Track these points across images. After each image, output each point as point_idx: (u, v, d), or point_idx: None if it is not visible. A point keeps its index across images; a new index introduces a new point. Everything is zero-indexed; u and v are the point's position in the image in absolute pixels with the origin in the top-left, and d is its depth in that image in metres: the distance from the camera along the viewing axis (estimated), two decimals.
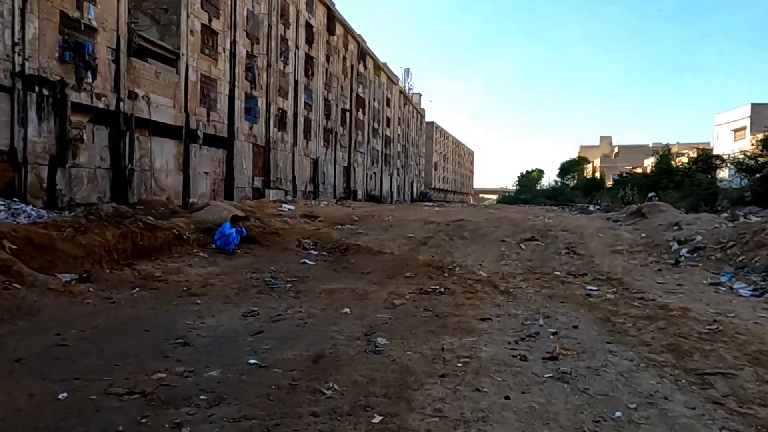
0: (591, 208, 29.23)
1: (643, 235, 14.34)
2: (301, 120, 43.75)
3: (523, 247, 13.30)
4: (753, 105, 47.50)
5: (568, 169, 69.12)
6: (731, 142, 46.05)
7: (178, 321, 6.92)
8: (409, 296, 8.83)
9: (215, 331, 6.54)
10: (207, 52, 30.78)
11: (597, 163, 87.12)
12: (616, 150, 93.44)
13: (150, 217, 12.56)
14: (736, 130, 47.83)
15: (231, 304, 8.03)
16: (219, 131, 32.04)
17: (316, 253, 13.54)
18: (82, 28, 22.28)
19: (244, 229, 13.53)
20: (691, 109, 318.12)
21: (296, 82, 42.60)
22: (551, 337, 6.48)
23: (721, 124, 49.49)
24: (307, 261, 12.34)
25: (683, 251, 11.63)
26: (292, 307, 7.94)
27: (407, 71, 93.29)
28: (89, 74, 22.59)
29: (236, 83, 33.74)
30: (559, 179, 67.03)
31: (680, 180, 29.93)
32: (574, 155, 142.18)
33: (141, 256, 10.60)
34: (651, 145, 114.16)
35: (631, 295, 8.93)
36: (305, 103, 44.66)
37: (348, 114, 55.03)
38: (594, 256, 12.51)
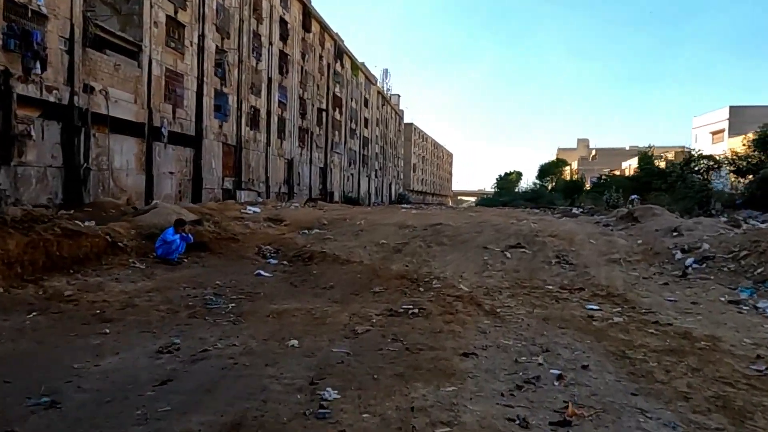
0: (575, 211, 27.98)
1: (640, 241, 12.90)
2: (274, 119, 41.90)
3: (508, 255, 11.77)
4: (731, 108, 47.03)
5: (546, 171, 68.21)
6: (709, 145, 45.44)
7: (63, 362, 5.16)
8: (376, 319, 7.17)
9: (107, 378, 4.80)
10: (172, 45, 28.76)
11: (575, 165, 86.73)
12: (593, 153, 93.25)
13: (77, 222, 10.66)
14: (714, 133, 47.30)
15: (148, 334, 6.27)
16: (186, 129, 30.06)
17: (275, 262, 11.81)
18: (30, 15, 20.14)
19: (190, 236, 11.71)
20: (665, 113, 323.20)
21: (270, 80, 40.74)
22: (556, 384, 4.87)
23: (700, 127, 48.97)
24: (262, 273, 10.60)
25: (690, 261, 10.20)
26: (226, 337, 6.22)
27: (386, 72, 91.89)
28: (38, 65, 20.44)
29: (205, 79, 31.79)
30: (538, 181, 66.17)
31: (673, 181, 28.69)
32: (552, 158, 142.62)
33: (57, 268, 8.76)
34: (628, 148, 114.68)
35: (642, 318, 7.40)
36: (279, 101, 42.81)
37: (324, 114, 53.28)
38: (588, 266, 11.02)
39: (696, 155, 32.78)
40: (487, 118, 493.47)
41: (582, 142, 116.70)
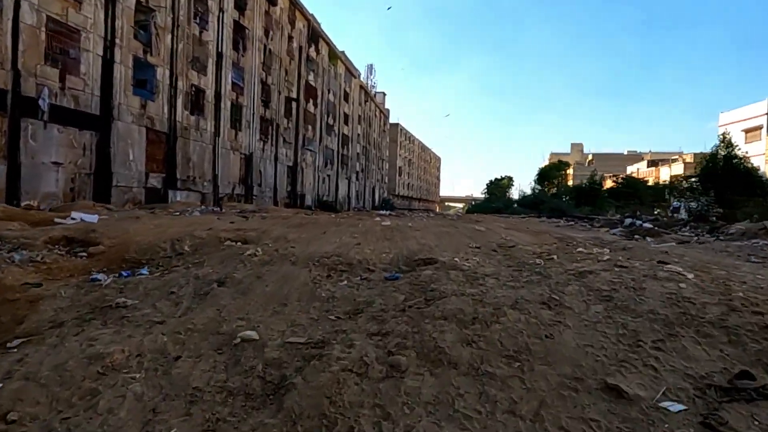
0: (639, 223, 18.80)
1: None
2: (226, 104, 33.48)
3: None
4: None
5: (547, 174, 60.22)
6: (742, 144, 37.68)
7: None
8: None
9: None
10: None
11: (570, 171, 79.19)
12: (590, 157, 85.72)
13: None
14: (748, 130, 39.65)
15: None
16: (84, 105, 21.61)
17: None
18: None
19: None
20: (655, 120, 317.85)
21: (220, 55, 32.33)
22: None
23: (729, 124, 41.26)
24: None
25: None
26: None
27: (370, 68, 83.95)
28: None
29: (117, 41, 23.36)
30: (537, 186, 58.26)
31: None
32: (542, 164, 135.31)
33: None
34: (626, 153, 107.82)
35: None
36: (234, 83, 34.41)
37: (295, 104, 44.92)
38: None
39: None
40: (472, 125, 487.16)
41: (576, 147, 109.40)
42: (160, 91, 26.75)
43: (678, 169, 49.76)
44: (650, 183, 40.14)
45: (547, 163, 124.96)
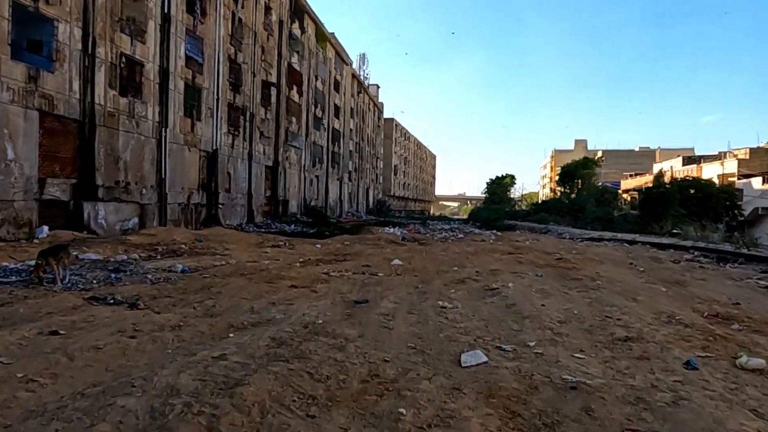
0: None
1: None
2: (178, 84, 24.67)
3: None
4: None
5: (572, 173, 50.55)
6: None
7: None
8: None
9: None
10: None
11: (598, 169, 70.19)
12: (599, 154, 77.28)
13: None
14: None
15: None
16: None
17: None
18: None
19: None
20: (658, 116, 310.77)
21: (167, 18, 23.50)
22: None
23: None
24: None
25: None
26: None
27: (363, 57, 75.13)
28: None
29: None
30: (560, 188, 49.28)
31: None
32: (544, 162, 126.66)
33: None
34: (638, 149, 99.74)
35: None
36: (189, 57, 25.59)
37: (275, 90, 36.11)
38: None
39: None
40: (466, 121, 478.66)
41: (580, 143, 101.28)
42: (66, 59, 17.91)
43: (731, 166, 41.59)
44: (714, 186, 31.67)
45: (548, 161, 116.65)
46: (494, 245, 16.13)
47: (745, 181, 37.99)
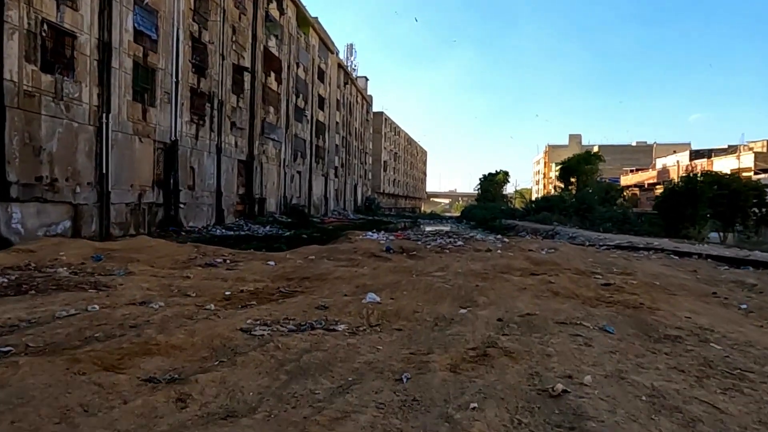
0: None
1: None
2: (125, 62, 20.67)
3: None
4: None
5: (573, 169, 46.81)
6: None
7: None
8: None
9: None
10: None
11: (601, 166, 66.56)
12: (596, 150, 73.88)
13: None
14: None
15: None
16: None
17: None
18: None
19: None
20: (651, 113, 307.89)
21: None
22: None
23: None
24: None
25: None
26: None
27: (350, 48, 71.31)
28: None
29: None
30: (561, 185, 45.63)
31: None
32: (537, 158, 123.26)
33: None
34: (635, 144, 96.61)
35: None
36: (139, 32, 21.59)
37: (249, 76, 32.13)
38: None
39: None
40: (457, 119, 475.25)
41: (574, 139, 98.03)
42: None
43: (747, 160, 38.26)
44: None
45: (542, 156, 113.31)
46: (505, 258, 12.37)
47: (763, 176, 34.67)
